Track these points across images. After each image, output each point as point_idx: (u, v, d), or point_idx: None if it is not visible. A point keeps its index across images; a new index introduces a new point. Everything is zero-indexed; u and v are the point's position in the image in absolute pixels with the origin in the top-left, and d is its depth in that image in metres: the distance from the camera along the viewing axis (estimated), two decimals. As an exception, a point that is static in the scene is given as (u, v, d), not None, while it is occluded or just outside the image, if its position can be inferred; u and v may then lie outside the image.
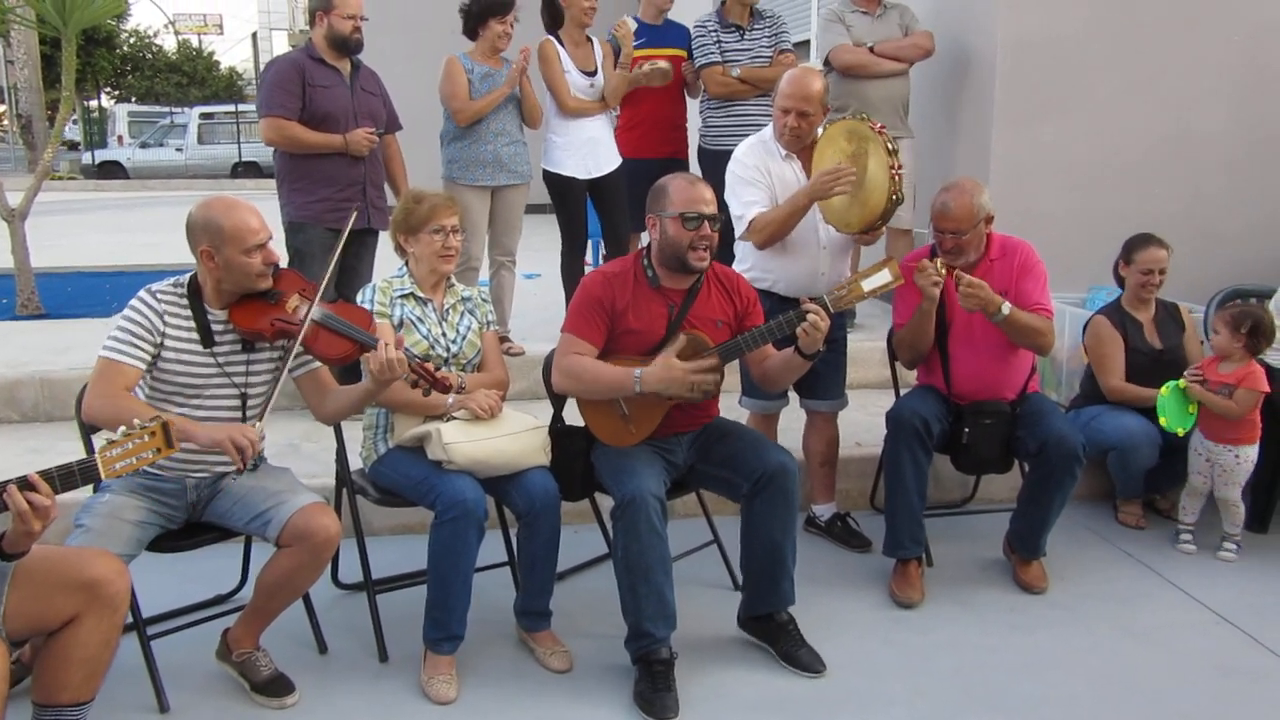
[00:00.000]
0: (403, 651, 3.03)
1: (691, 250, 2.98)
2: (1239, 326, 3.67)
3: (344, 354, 2.82)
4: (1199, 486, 3.83)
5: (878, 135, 3.33)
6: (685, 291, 3.08)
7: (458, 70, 4.72)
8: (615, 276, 3.08)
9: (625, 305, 3.03)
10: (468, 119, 4.71)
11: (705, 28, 5.21)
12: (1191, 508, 3.87)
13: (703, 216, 2.97)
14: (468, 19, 4.77)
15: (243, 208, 2.75)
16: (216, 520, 2.84)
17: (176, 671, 2.85)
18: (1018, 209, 4.78)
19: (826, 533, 3.92)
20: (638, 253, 3.14)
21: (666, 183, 3.06)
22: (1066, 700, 2.86)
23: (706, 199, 3.00)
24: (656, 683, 2.80)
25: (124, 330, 2.70)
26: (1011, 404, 3.52)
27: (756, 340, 3.02)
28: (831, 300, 2.92)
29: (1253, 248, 5.18)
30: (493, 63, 4.77)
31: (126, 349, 2.68)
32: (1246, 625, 3.28)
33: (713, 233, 3.00)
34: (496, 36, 4.71)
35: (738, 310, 3.15)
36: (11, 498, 2.09)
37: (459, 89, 4.70)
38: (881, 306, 5.63)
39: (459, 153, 4.79)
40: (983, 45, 5.22)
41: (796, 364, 3.01)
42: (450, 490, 2.83)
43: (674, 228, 2.98)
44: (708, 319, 3.08)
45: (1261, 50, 5.20)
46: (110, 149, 24.83)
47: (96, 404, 2.64)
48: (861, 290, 2.93)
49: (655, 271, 3.07)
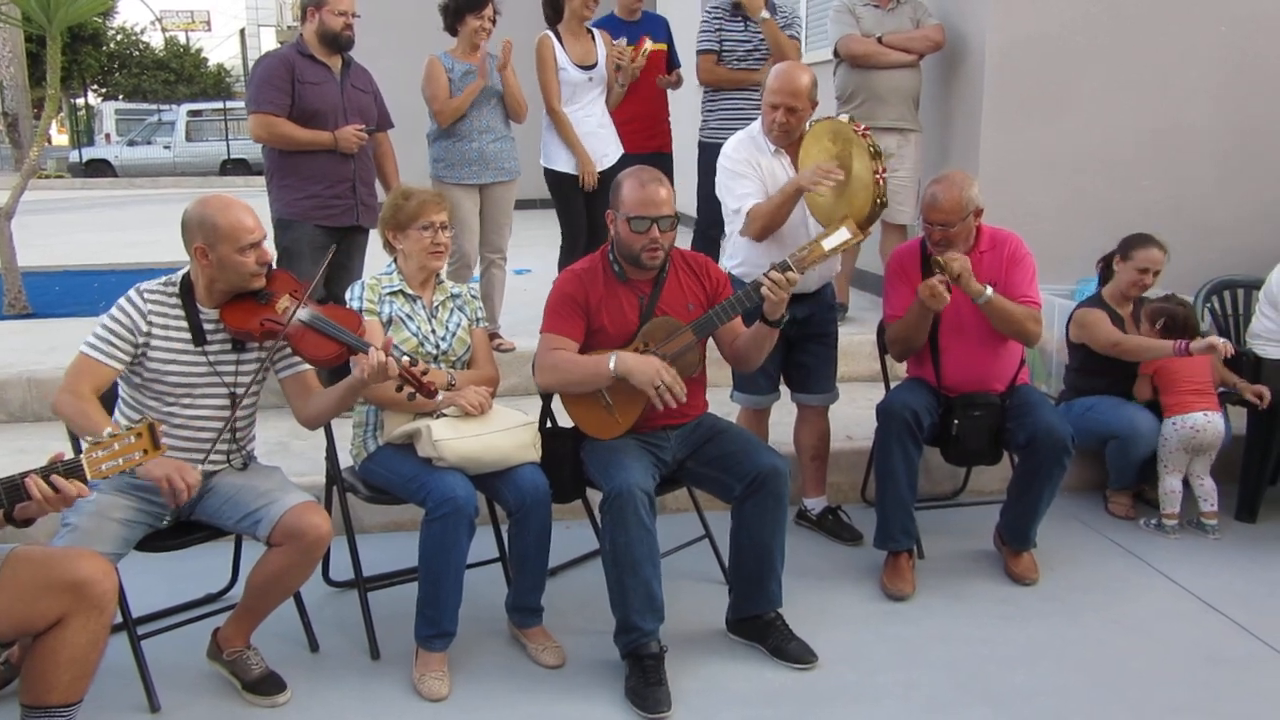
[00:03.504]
0: (394, 649, 3.03)
1: (644, 252, 2.99)
2: (1154, 322, 3.90)
3: (331, 356, 2.80)
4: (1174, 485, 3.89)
5: (860, 138, 3.33)
6: (652, 281, 3.09)
7: (438, 70, 4.69)
8: (586, 273, 3.10)
9: (599, 300, 3.05)
10: (449, 118, 4.69)
11: (712, 14, 5.22)
12: (1172, 500, 3.90)
13: (650, 220, 2.96)
14: (446, 16, 4.75)
15: (238, 206, 2.75)
16: (206, 519, 2.83)
17: (167, 671, 2.84)
18: (1007, 202, 4.78)
19: (818, 526, 3.93)
20: (603, 249, 3.15)
21: (623, 180, 3.07)
22: (1058, 691, 2.87)
23: (657, 200, 2.98)
24: (648, 677, 2.80)
25: (105, 329, 2.70)
26: (1001, 396, 3.53)
27: (726, 313, 3.03)
28: (795, 261, 2.91)
29: (1240, 240, 5.20)
30: (473, 59, 4.74)
31: (104, 347, 2.69)
32: (1235, 614, 3.29)
33: (662, 235, 2.99)
34: (473, 32, 4.68)
35: (709, 292, 3.16)
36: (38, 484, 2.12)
37: (440, 89, 4.68)
38: (872, 299, 5.64)
39: (444, 152, 4.78)
40: (974, 40, 5.22)
41: (764, 334, 3.02)
42: (440, 487, 2.83)
43: (624, 230, 3.00)
44: (678, 304, 3.10)
45: (1248, 44, 5.21)
46: (98, 147, 24.71)
47: (63, 399, 2.65)
48: (822, 249, 2.94)
49: (621, 265, 3.08)
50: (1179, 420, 3.85)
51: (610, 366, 2.92)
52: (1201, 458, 3.88)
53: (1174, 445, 3.86)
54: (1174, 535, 3.88)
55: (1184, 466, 3.89)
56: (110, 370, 2.69)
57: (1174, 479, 3.89)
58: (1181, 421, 3.84)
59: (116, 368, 2.70)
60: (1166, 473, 3.90)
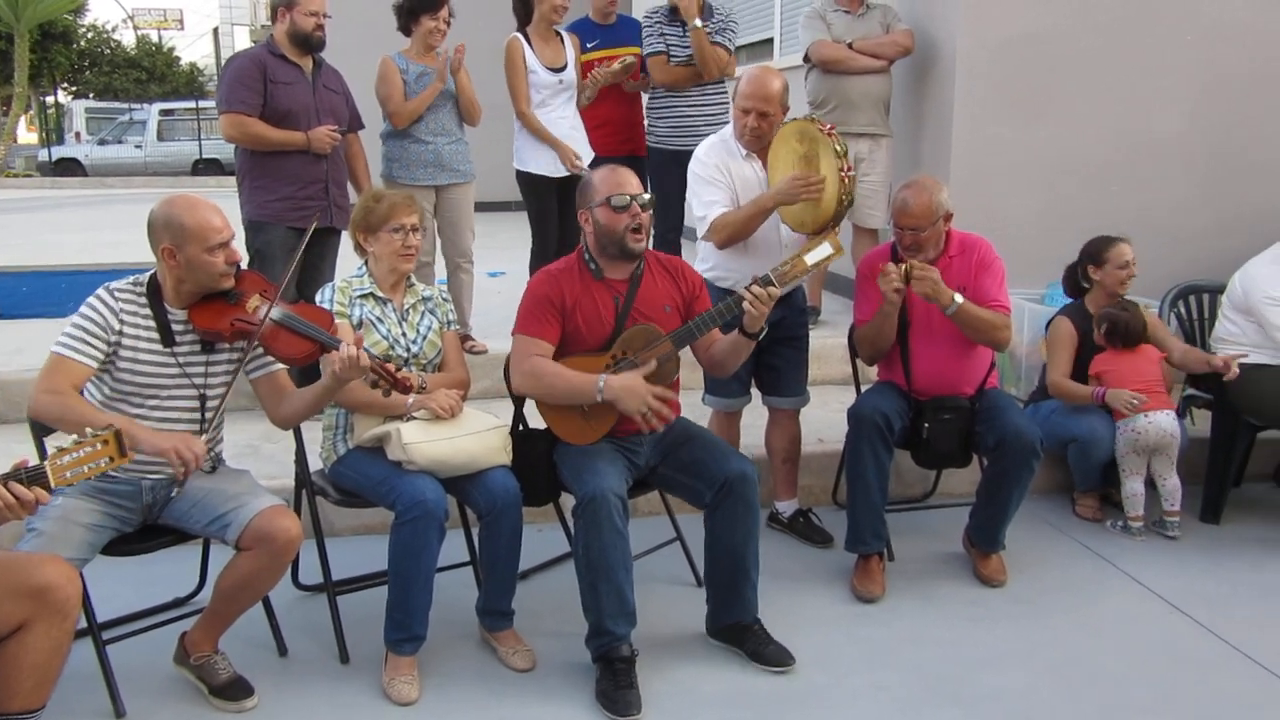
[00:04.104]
0: (364, 653, 3.01)
1: (630, 233, 2.99)
2: (1099, 326, 3.98)
3: (304, 354, 2.79)
4: (1135, 487, 3.93)
5: (827, 138, 3.34)
6: (628, 280, 3.09)
7: (392, 71, 4.67)
8: (561, 273, 3.09)
9: (574, 301, 3.04)
10: (405, 121, 4.67)
11: (651, 19, 5.22)
12: (1135, 503, 3.95)
13: (630, 197, 2.99)
14: (400, 16, 4.72)
15: (206, 206, 2.72)
16: (174, 523, 2.80)
17: (133, 676, 2.81)
18: (977, 207, 4.82)
19: (789, 529, 3.94)
20: (578, 249, 3.15)
21: (590, 176, 3.10)
22: (1026, 692, 2.90)
23: (631, 182, 3.03)
24: (618, 680, 2.80)
25: (78, 327, 2.67)
26: (970, 399, 3.55)
27: (706, 324, 3.03)
28: (776, 276, 2.92)
29: (1207, 245, 5.25)
30: (428, 60, 4.72)
31: (79, 345, 2.65)
32: (1199, 615, 3.34)
33: (643, 213, 3.01)
34: (428, 33, 4.66)
35: (685, 295, 3.17)
36: None
37: (394, 90, 4.65)
38: (844, 303, 5.67)
39: (399, 151, 4.75)
40: (944, 45, 5.26)
41: (742, 345, 3.03)
42: (411, 490, 2.82)
43: (605, 215, 3.00)
44: (655, 304, 3.10)
45: (1215, 52, 5.28)
46: (68, 145, 24.44)
47: (44, 399, 2.61)
48: (805, 264, 2.95)
49: (597, 264, 3.08)
50: (1122, 425, 3.90)
51: (597, 390, 2.91)
52: (1159, 457, 3.91)
53: (1124, 449, 3.91)
54: (1139, 537, 3.92)
55: (1142, 469, 3.93)
56: (85, 368, 2.65)
57: (1135, 482, 3.93)
58: (1125, 425, 3.89)
59: (91, 365, 2.66)
60: (1127, 476, 3.94)
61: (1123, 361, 3.92)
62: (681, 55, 5.11)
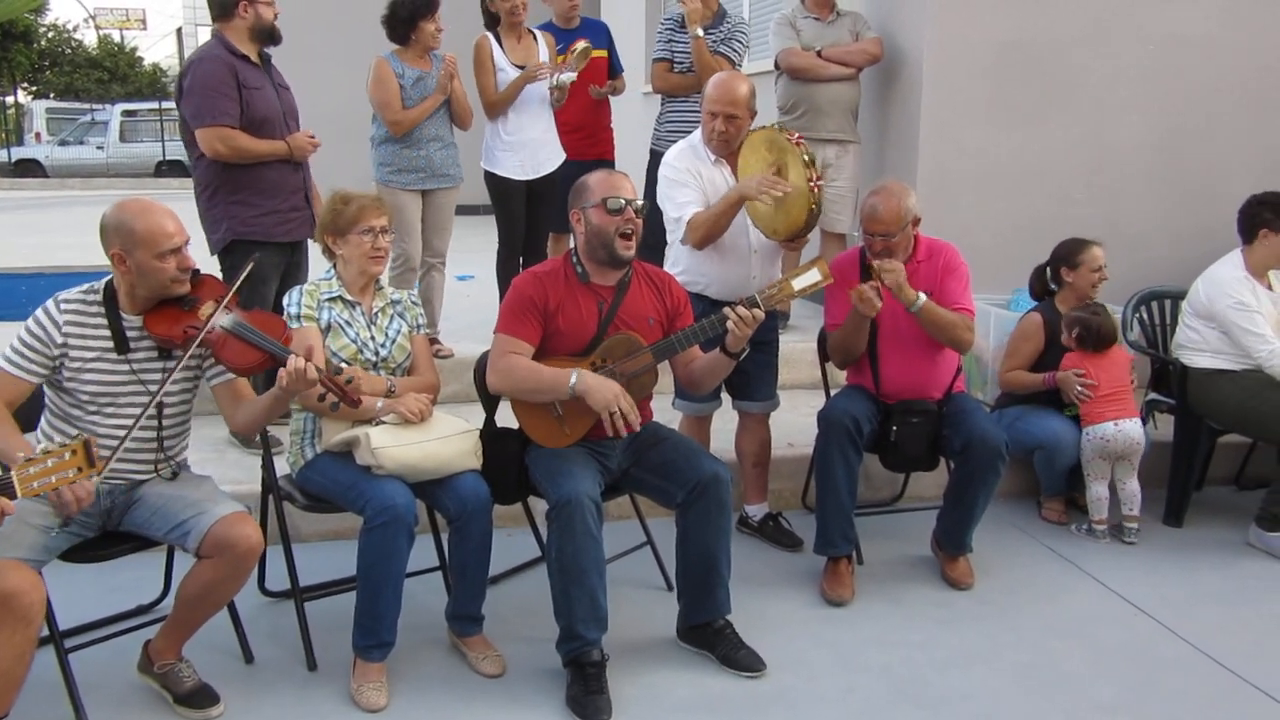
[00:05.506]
0: (332, 659, 2.98)
1: (620, 238, 2.99)
2: (1070, 330, 4.01)
3: (253, 364, 2.75)
4: (1100, 492, 3.98)
5: (795, 147, 3.36)
6: (615, 288, 3.09)
7: (389, 75, 4.63)
8: (546, 275, 3.08)
9: (557, 304, 3.03)
10: (404, 130, 4.65)
11: (666, 24, 5.32)
12: (1099, 507, 4.00)
13: (625, 200, 2.99)
14: (396, 25, 4.67)
15: (158, 210, 2.67)
16: (135, 529, 2.76)
17: (96, 685, 2.77)
18: (944, 212, 4.86)
19: (759, 532, 3.95)
20: (566, 252, 3.15)
21: (587, 177, 3.10)
22: (992, 694, 2.92)
23: (627, 186, 3.04)
24: (589, 685, 2.80)
25: (21, 341, 2.65)
26: (938, 403, 3.58)
27: (688, 339, 3.04)
28: (763, 299, 2.94)
29: (1169, 251, 5.34)
30: (423, 64, 4.71)
31: (19, 361, 2.64)
32: (1163, 617, 3.38)
33: (637, 218, 3.01)
34: (430, 36, 4.66)
35: (669, 309, 3.17)
36: None
37: (392, 97, 4.62)
38: (813, 308, 5.69)
39: (391, 157, 4.73)
40: (911, 53, 5.31)
41: (722, 363, 3.04)
42: (380, 495, 2.79)
43: (598, 216, 3.00)
44: (639, 315, 3.09)
45: (1173, 61, 5.37)
46: (27, 146, 24.08)
47: None
48: (792, 289, 2.96)
49: (584, 268, 3.08)
50: (1090, 431, 3.95)
51: (570, 383, 2.91)
52: (1122, 463, 3.97)
53: (1090, 454, 3.96)
54: (1104, 540, 3.97)
55: (1107, 473, 3.98)
56: (25, 384, 2.64)
57: (1099, 486, 3.98)
58: (1093, 432, 3.94)
59: (33, 381, 2.65)
60: (1092, 480, 3.99)
61: (1092, 364, 3.96)
62: (687, 63, 5.16)
